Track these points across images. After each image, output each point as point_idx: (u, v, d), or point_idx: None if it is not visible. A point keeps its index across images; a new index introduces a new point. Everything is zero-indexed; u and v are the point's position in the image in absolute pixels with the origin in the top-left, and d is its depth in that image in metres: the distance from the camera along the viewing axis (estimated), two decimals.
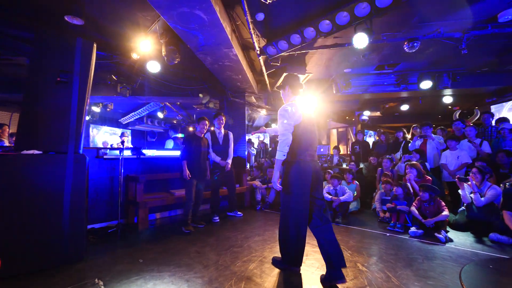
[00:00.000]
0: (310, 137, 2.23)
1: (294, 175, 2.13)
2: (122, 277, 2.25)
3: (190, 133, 3.91)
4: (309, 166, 2.17)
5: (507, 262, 2.39)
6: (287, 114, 2.13)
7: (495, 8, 3.29)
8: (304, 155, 2.16)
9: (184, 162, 3.66)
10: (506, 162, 4.00)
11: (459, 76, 5.68)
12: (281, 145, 2.12)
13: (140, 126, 10.48)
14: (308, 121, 2.23)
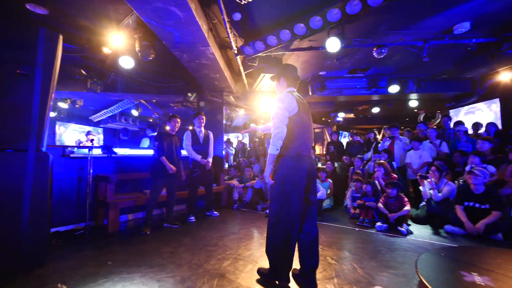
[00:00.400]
0: (307, 130, 2.05)
1: (288, 171, 1.92)
2: (88, 280, 2.16)
3: (163, 131, 3.80)
4: (306, 162, 1.98)
5: (457, 250, 2.65)
6: (282, 104, 1.94)
7: (451, 21, 3.63)
8: (300, 149, 1.96)
9: (163, 158, 3.53)
10: (461, 161, 4.42)
11: (423, 82, 6.15)
12: (274, 138, 1.93)
13: (113, 124, 9.99)
14: (304, 113, 2.04)
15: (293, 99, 1.97)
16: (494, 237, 3.12)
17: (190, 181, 4.20)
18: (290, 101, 1.96)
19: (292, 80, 2.16)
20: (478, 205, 3.34)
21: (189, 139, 4.16)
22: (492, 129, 5.17)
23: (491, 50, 4.08)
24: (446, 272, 2.06)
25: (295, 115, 1.96)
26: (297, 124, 1.97)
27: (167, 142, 3.61)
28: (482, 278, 1.87)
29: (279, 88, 2.21)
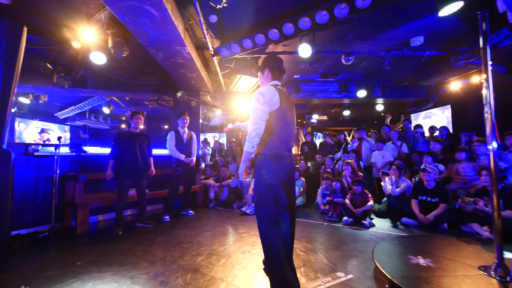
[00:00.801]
0: (288, 128, 1.90)
1: (269, 172, 1.78)
2: (55, 281, 2.11)
3: (123, 130, 3.68)
4: (286, 163, 1.85)
5: (408, 238, 2.98)
6: (262, 98, 1.78)
7: (408, 35, 4.06)
8: (280, 147, 1.82)
9: (111, 161, 3.41)
10: (418, 160, 4.90)
11: (387, 88, 6.69)
12: (250, 134, 1.78)
13: (82, 122, 9.43)
14: (287, 109, 1.90)
15: (275, 93, 1.82)
16: (441, 227, 3.54)
17: (172, 179, 4.19)
18: (271, 95, 1.80)
19: (278, 73, 2.01)
20: (429, 199, 3.76)
21: (173, 139, 4.16)
22: (444, 132, 5.78)
23: (442, 62, 4.60)
24: (396, 257, 2.33)
25: (276, 111, 1.81)
26: (278, 121, 1.83)
27: (127, 142, 3.48)
28: (425, 260, 2.16)
29: (262, 81, 2.06)
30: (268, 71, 2.03)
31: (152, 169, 3.80)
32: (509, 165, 3.76)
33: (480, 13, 1.91)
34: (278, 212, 1.76)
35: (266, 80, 2.03)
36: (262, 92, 1.81)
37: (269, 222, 1.75)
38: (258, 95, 1.80)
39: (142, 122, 3.65)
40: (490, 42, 3.66)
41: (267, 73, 2.03)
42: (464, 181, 3.89)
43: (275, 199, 1.76)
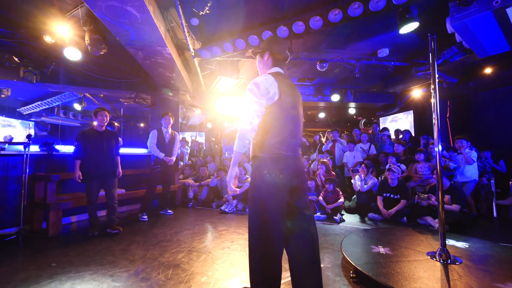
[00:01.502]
0: (291, 123, 1.60)
1: (266, 177, 1.50)
2: (29, 283, 2.07)
3: (88, 129, 3.44)
4: (288, 164, 1.55)
5: (372, 231, 3.31)
6: (257, 89, 1.51)
7: (375, 46, 4.47)
8: (280, 147, 1.54)
9: (77, 161, 3.20)
10: (384, 161, 5.37)
11: (358, 93, 7.19)
12: (241, 132, 1.50)
13: (49, 118, 8.83)
14: (289, 101, 1.59)
15: (273, 83, 1.52)
16: (401, 220, 3.96)
17: (150, 177, 4.17)
18: (268, 85, 1.51)
19: (280, 58, 1.70)
20: (392, 196, 4.17)
21: (154, 138, 4.15)
22: (407, 135, 6.37)
23: (405, 71, 5.09)
24: (361, 247, 2.61)
25: (274, 104, 1.53)
26: (278, 116, 1.55)
27: (92, 141, 3.28)
28: (384, 249, 2.46)
29: (261, 67, 1.74)
30: (268, 56, 1.69)
31: (119, 170, 3.56)
32: (457, 165, 4.30)
33: (430, 35, 2.24)
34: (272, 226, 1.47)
35: (266, 67, 1.71)
36: (258, 82, 1.53)
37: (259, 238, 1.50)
38: (253, 86, 1.53)
39: (107, 120, 3.40)
40: (442, 57, 4.18)
41: (267, 58, 1.70)
42: (421, 179, 4.37)
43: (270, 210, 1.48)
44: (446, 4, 2.95)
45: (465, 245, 2.62)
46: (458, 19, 2.87)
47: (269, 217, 1.48)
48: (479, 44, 3.42)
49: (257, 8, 3.32)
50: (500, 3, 2.53)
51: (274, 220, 1.49)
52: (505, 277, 1.89)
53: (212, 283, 2.07)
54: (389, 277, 1.90)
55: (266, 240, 1.49)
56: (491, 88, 5.66)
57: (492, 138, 5.69)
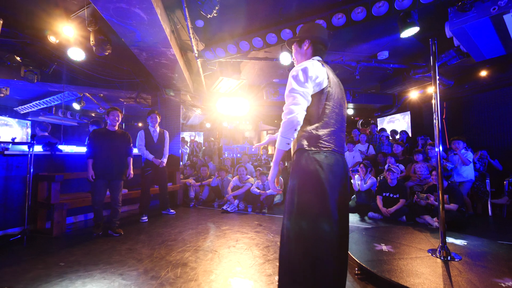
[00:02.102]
0: (340, 115, 1.41)
1: (314, 176, 1.26)
2: (40, 281, 2.10)
3: (99, 128, 3.44)
4: (339, 162, 1.33)
5: (373, 229, 3.40)
6: (304, 75, 1.30)
7: (375, 49, 4.56)
8: (331, 141, 1.32)
9: (90, 161, 3.22)
10: (382, 161, 5.48)
11: (357, 94, 7.29)
12: (285, 126, 1.28)
13: (46, 118, 8.75)
14: (337, 92, 1.41)
15: (321, 68, 1.35)
16: (400, 219, 4.06)
17: (142, 180, 4.10)
18: (317, 70, 1.32)
19: (321, 48, 1.50)
20: (392, 195, 4.26)
21: (142, 139, 4.05)
22: (404, 135, 6.50)
23: (403, 73, 5.20)
24: (364, 245, 2.69)
25: (323, 91, 1.33)
26: (327, 104, 1.34)
27: (103, 141, 3.29)
28: (386, 247, 2.54)
29: (299, 58, 1.55)
30: (308, 45, 1.49)
31: (130, 171, 3.54)
32: (454, 166, 4.41)
33: (431, 40, 2.32)
34: (322, 233, 1.23)
35: (305, 57, 1.51)
36: (304, 67, 1.31)
37: (307, 251, 1.23)
38: (298, 72, 1.32)
39: (119, 119, 3.40)
40: (441, 61, 4.29)
41: (307, 47, 1.49)
42: (420, 179, 4.48)
43: (321, 214, 1.24)
44: (445, 10, 3.04)
45: (464, 242, 2.71)
46: (457, 24, 2.96)
47: (322, 225, 1.22)
48: (476, 48, 3.53)
49: (261, 10, 3.37)
50: (498, 10, 2.63)
51: (327, 228, 1.23)
52: (503, 272, 1.98)
53: (221, 281, 2.11)
54: (393, 273, 1.97)
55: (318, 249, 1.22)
56: (486, 90, 5.81)
57: (487, 139, 5.84)
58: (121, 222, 3.62)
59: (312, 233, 1.24)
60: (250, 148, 7.88)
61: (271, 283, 2.08)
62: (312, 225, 1.24)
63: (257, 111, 8.92)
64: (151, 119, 4.09)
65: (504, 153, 5.42)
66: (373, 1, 2.83)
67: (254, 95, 7.24)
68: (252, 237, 3.21)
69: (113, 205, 3.38)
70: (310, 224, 1.24)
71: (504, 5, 2.61)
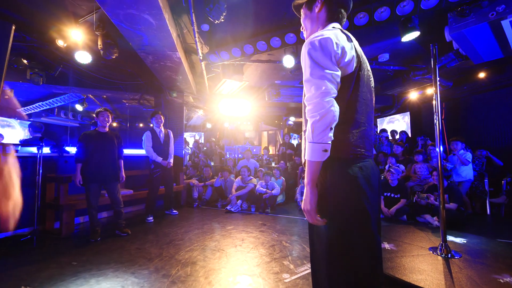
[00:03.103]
0: (372, 107, 1.11)
1: (353, 199, 0.98)
2: (55, 280, 2.17)
3: (89, 130, 3.35)
4: (374, 169, 1.06)
5: None
6: (324, 51, 0.93)
7: (376, 51, 4.65)
8: (362, 144, 1.02)
9: (78, 165, 3.09)
10: (383, 161, 5.56)
11: None
12: (317, 126, 0.92)
13: (48, 119, 8.80)
14: (369, 76, 1.11)
15: (345, 40, 0.98)
16: (401, 218, 4.14)
17: (151, 182, 4.14)
18: (344, 43, 0.96)
19: (338, 8, 1.10)
20: (393, 195, 4.35)
21: (149, 140, 4.06)
22: (403, 136, 6.59)
23: (403, 75, 5.29)
24: None
25: (352, 75, 0.99)
26: (359, 94, 1.01)
27: (96, 143, 3.19)
28: (389, 245, 2.63)
29: (309, 26, 1.15)
30: (321, 5, 1.10)
31: (122, 174, 3.43)
32: (453, 166, 4.51)
33: (432, 45, 2.40)
34: (365, 261, 0.99)
35: (317, 24, 1.12)
36: (326, 37, 0.94)
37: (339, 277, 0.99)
38: (318, 45, 0.94)
39: (110, 120, 3.29)
40: (440, 63, 4.39)
41: (319, 10, 1.11)
42: (420, 179, 4.57)
43: (363, 241, 0.99)
44: (445, 15, 3.13)
45: (463, 240, 2.80)
46: (456, 29, 3.05)
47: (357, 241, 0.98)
48: (475, 52, 3.62)
49: (265, 15, 3.45)
50: (496, 15, 2.72)
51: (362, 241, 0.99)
52: (501, 269, 2.07)
53: (231, 279, 2.19)
54: (396, 270, 2.06)
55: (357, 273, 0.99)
56: (484, 91, 5.91)
57: (484, 139, 5.95)
58: (127, 222, 3.69)
59: (354, 257, 0.98)
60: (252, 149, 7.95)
61: (278, 281, 2.16)
62: (353, 248, 0.98)
63: (258, 112, 9.00)
64: (156, 120, 4.10)
65: (502, 153, 5.52)
66: (375, 7, 2.92)
67: (256, 96, 7.32)
68: (257, 236, 3.28)
69: (115, 207, 3.35)
70: (351, 247, 0.98)
71: (502, 11, 2.70)
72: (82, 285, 2.10)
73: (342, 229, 0.98)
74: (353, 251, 0.98)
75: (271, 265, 2.46)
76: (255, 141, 12.40)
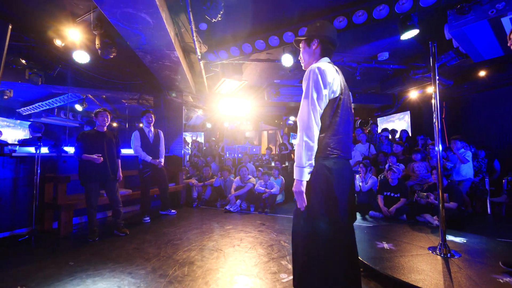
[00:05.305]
0: (348, 121, 1.39)
1: (324, 181, 1.25)
2: (52, 280, 2.16)
3: (88, 130, 3.35)
4: (347, 166, 1.36)
5: (375, 228, 3.47)
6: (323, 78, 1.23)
7: (376, 50, 4.62)
8: (339, 147, 1.30)
9: (85, 155, 3.10)
10: (383, 160, 5.54)
11: (357, 94, 7.36)
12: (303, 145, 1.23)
13: (49, 119, 8.80)
14: (347, 97, 1.38)
15: (335, 73, 1.30)
16: (401, 218, 4.12)
17: (141, 181, 4.08)
18: (332, 74, 1.27)
19: (329, 46, 1.43)
20: (393, 194, 4.33)
21: (138, 140, 3.98)
22: (404, 135, 6.56)
23: (403, 74, 5.26)
24: (366, 243, 2.75)
25: (336, 99, 1.29)
26: (339, 112, 1.30)
27: (96, 143, 3.19)
28: (388, 245, 2.61)
29: (306, 58, 1.47)
30: (317, 44, 1.41)
31: (120, 173, 3.43)
32: (454, 164, 4.48)
33: (431, 43, 2.38)
34: (332, 234, 1.25)
35: (312, 58, 1.44)
36: (322, 69, 1.25)
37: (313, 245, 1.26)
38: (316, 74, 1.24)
39: (109, 120, 3.30)
40: (440, 61, 4.36)
41: (316, 47, 1.41)
42: (418, 178, 4.54)
43: (331, 217, 1.24)
44: (445, 12, 3.10)
45: (463, 240, 2.78)
46: (456, 27, 3.02)
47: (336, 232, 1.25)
48: (475, 50, 3.59)
49: (264, 14, 3.43)
50: (495, 12, 2.69)
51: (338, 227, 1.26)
52: (501, 269, 2.04)
53: (228, 279, 2.18)
54: (394, 270, 2.04)
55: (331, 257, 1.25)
56: (485, 90, 5.88)
57: (486, 138, 5.91)
58: (125, 222, 3.67)
59: (323, 234, 1.24)
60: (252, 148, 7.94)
61: (276, 281, 2.14)
62: (322, 227, 1.23)
63: (258, 111, 8.98)
64: (146, 118, 4.01)
65: (503, 152, 5.49)
66: (374, 4, 2.90)
67: (255, 95, 7.31)
68: (255, 236, 3.27)
69: (114, 207, 3.35)
70: (321, 226, 1.24)
71: (502, 8, 2.67)
72: (78, 285, 2.09)
73: (315, 204, 1.25)
74: (321, 220, 1.24)
75: (269, 265, 2.44)
76: (255, 141, 12.38)
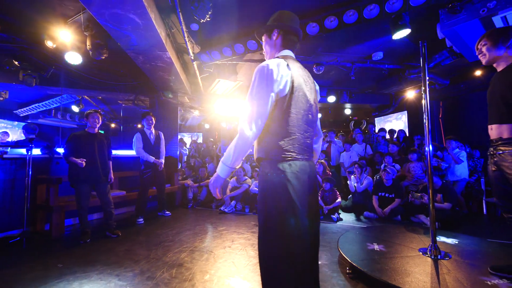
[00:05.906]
0: (305, 119, 1.27)
1: (280, 186, 1.18)
2: (38, 283, 2.15)
3: (78, 131, 3.33)
4: (305, 167, 1.25)
5: (367, 229, 3.44)
6: (267, 76, 1.16)
7: (370, 50, 4.61)
8: (294, 149, 1.22)
9: (71, 158, 3.05)
10: (379, 160, 5.51)
11: (354, 94, 7.33)
12: (238, 144, 1.18)
13: (46, 120, 8.81)
14: (302, 94, 1.25)
15: (285, 69, 1.18)
16: (395, 218, 4.10)
17: (141, 182, 4.12)
18: (280, 72, 1.17)
19: (291, 37, 1.34)
20: (387, 195, 4.31)
21: (140, 141, 4.04)
22: (401, 135, 6.53)
23: (399, 74, 5.24)
24: (357, 245, 2.73)
25: (286, 97, 1.20)
26: (288, 110, 1.21)
27: (87, 144, 3.16)
28: (379, 246, 2.58)
29: (268, 50, 1.41)
30: (277, 34, 1.33)
31: (111, 175, 3.40)
32: (448, 165, 4.45)
33: (421, 43, 2.36)
34: (288, 249, 1.16)
35: (274, 49, 1.37)
36: (270, 67, 1.16)
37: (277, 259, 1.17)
38: (261, 72, 1.17)
39: (100, 122, 3.29)
40: (434, 61, 4.33)
41: (276, 37, 1.34)
42: (414, 178, 4.52)
43: (290, 222, 1.17)
44: (437, 12, 3.08)
45: (455, 241, 2.75)
46: (448, 26, 3.00)
47: (291, 234, 1.16)
48: (468, 49, 3.57)
49: (255, 14, 3.42)
50: (487, 11, 2.67)
51: (295, 234, 1.17)
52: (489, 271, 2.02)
53: (215, 281, 2.16)
54: (383, 272, 2.01)
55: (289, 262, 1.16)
56: (481, 89, 5.84)
57: (482, 138, 5.87)
58: (118, 223, 3.67)
59: (282, 239, 1.17)
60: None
61: None
62: (282, 231, 1.17)
63: None
64: (147, 121, 4.09)
65: None
66: (364, 4, 2.88)
67: None
68: (248, 238, 3.25)
69: (106, 208, 3.32)
70: (281, 230, 1.17)
71: (493, 7, 2.65)
72: (64, 287, 2.07)
73: (272, 213, 1.19)
74: (280, 225, 1.17)
75: (258, 266, 2.42)
76: None
